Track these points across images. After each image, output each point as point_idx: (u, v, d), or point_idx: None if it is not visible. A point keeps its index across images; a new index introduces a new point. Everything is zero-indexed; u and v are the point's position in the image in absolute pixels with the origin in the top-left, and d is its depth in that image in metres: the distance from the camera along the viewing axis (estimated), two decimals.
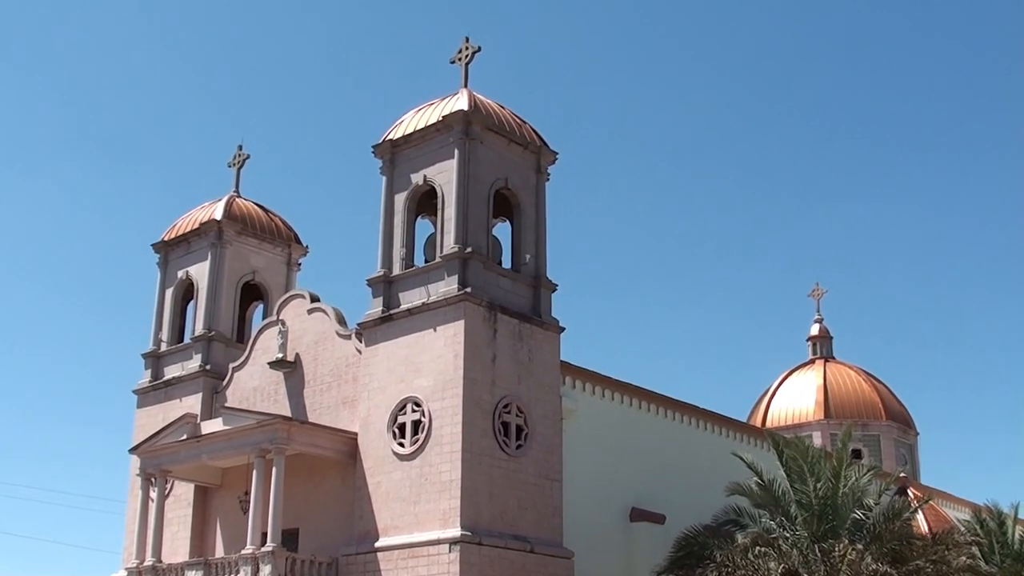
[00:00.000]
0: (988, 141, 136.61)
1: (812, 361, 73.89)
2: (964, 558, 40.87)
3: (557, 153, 42.52)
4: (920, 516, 50.82)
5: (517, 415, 38.46)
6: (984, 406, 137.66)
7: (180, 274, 48.74)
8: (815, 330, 75.34)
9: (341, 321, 42.22)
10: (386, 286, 40.17)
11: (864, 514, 38.23)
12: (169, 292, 49.15)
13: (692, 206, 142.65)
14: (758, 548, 36.87)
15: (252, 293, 49.15)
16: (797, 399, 70.53)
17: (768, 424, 66.36)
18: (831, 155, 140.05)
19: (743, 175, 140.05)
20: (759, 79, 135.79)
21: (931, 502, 52.07)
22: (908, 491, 52.53)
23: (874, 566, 35.44)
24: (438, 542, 35.79)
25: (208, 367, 45.97)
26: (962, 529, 48.19)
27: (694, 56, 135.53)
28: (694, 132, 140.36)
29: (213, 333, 46.55)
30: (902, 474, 59.29)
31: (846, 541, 36.09)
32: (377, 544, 37.53)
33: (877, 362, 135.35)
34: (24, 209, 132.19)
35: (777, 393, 71.92)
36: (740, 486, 38.93)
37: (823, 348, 74.70)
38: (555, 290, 41.01)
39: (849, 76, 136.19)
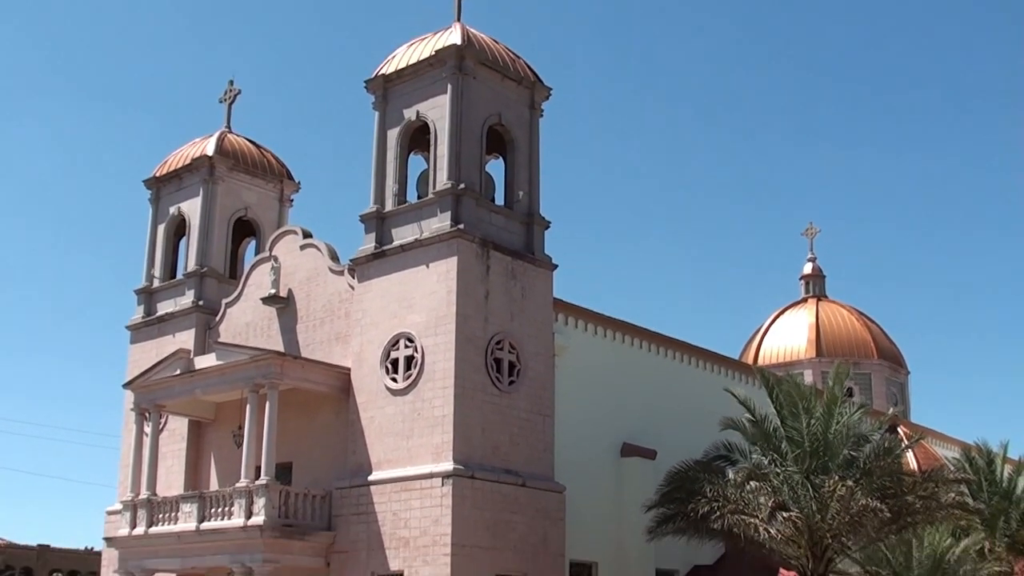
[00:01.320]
0: (984, 82, 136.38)
1: (804, 300, 74.12)
2: (953, 495, 41.19)
3: (551, 89, 42.24)
4: (910, 454, 51.23)
5: (509, 351, 38.51)
6: (975, 345, 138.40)
7: (172, 210, 48.59)
8: (808, 269, 75.47)
9: (334, 257, 42.14)
10: (379, 222, 40.06)
11: (855, 451, 38.45)
12: (161, 228, 49.02)
13: (686, 144, 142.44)
14: (749, 483, 37.11)
15: (244, 229, 49.02)
16: (789, 337, 70.79)
17: (760, 362, 66.62)
18: (826, 94, 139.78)
19: (738, 114, 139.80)
20: (756, 17, 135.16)
21: (921, 441, 52.43)
22: (899, 429, 52.81)
23: (864, 501, 35.64)
24: (431, 476, 35.97)
25: (201, 303, 45.98)
26: (951, 467, 48.56)
27: None
28: (689, 70, 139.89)
29: (205, 269, 46.50)
30: (893, 412, 59.58)
31: (836, 477, 36.28)
32: (370, 478, 37.72)
33: (869, 301, 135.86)
34: (15, 147, 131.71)
35: (769, 331, 72.18)
36: (732, 421, 39.09)
37: (816, 287, 74.89)
38: (548, 227, 40.93)
39: (846, 16, 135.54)
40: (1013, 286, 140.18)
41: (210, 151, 47.51)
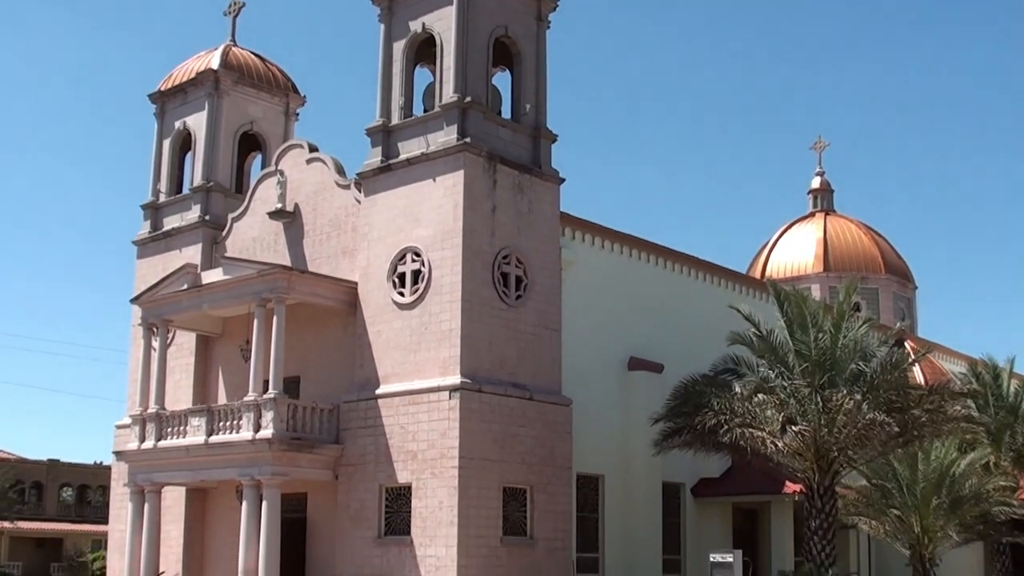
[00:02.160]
0: None
1: (812, 214, 73.75)
2: (959, 408, 41.24)
3: (558, 0, 41.75)
4: (917, 369, 51.32)
5: (516, 266, 38.41)
6: (983, 260, 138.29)
7: (177, 124, 48.35)
8: (816, 183, 75.02)
9: (340, 171, 41.94)
10: (385, 136, 39.79)
11: (863, 365, 38.45)
12: (167, 143, 48.82)
13: (694, 57, 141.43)
14: (757, 397, 37.15)
15: (250, 143, 48.78)
16: (797, 252, 70.55)
17: (767, 277, 66.35)
18: (836, 4, 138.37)
19: (747, 25, 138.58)
20: None
21: (928, 355, 52.50)
22: (906, 344, 52.84)
23: (871, 415, 35.71)
24: (438, 389, 36.04)
25: (207, 218, 45.88)
26: (958, 381, 48.66)
27: None
28: None
29: (211, 184, 46.34)
30: (900, 327, 59.59)
31: (844, 391, 36.33)
32: (378, 391, 37.81)
33: (877, 216, 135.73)
34: (20, 61, 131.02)
35: (777, 246, 71.91)
36: (740, 335, 39.07)
37: (824, 201, 74.50)
38: (555, 140, 40.63)
39: None
40: (1019, 198, 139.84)
41: (215, 65, 47.16)
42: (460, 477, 35.18)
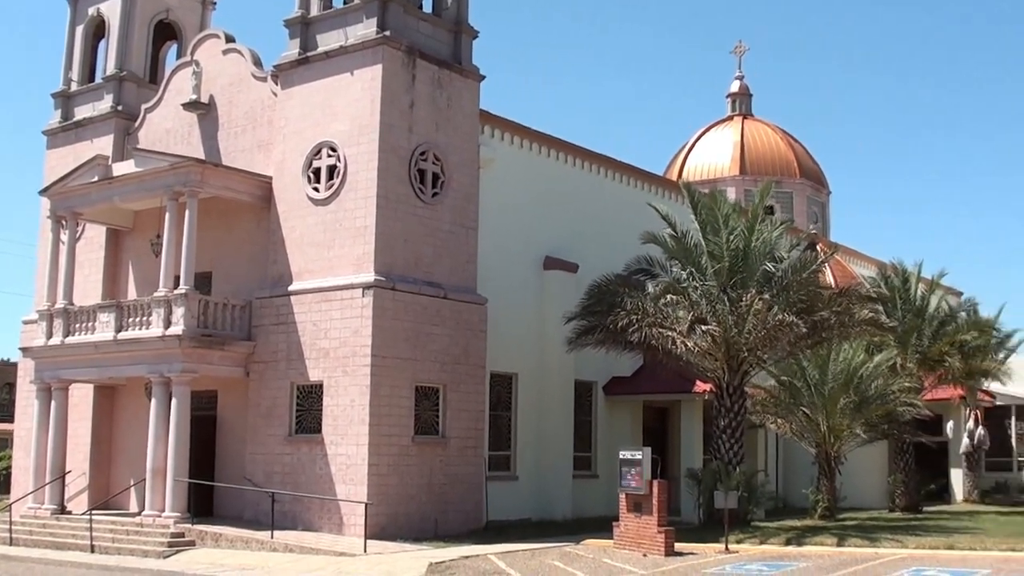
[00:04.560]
0: None
1: (730, 118, 73.87)
2: (868, 312, 41.99)
3: None
4: (828, 272, 51.96)
5: (434, 163, 38.08)
6: (895, 167, 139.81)
7: (91, 11, 47.10)
8: (735, 87, 75.07)
9: (257, 63, 41.19)
10: (303, 28, 39.07)
11: (774, 267, 38.87)
12: (79, 30, 47.54)
13: None
14: (668, 297, 37.54)
15: (165, 32, 47.65)
16: (713, 155, 70.77)
17: (684, 179, 66.64)
18: None
19: None
20: None
21: (838, 258, 53.21)
22: (818, 247, 53.47)
23: (780, 316, 36.25)
24: (351, 287, 35.80)
25: (120, 108, 44.95)
26: (867, 285, 49.44)
27: None
28: None
29: (125, 73, 45.36)
30: (812, 230, 60.23)
31: (754, 291, 36.79)
32: (291, 288, 37.50)
33: (794, 121, 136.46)
34: None
35: (694, 148, 72.09)
36: (654, 235, 39.37)
37: (742, 105, 74.60)
38: (476, 36, 40.16)
39: None
40: (934, 107, 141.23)
41: None
42: (372, 375, 35.08)
